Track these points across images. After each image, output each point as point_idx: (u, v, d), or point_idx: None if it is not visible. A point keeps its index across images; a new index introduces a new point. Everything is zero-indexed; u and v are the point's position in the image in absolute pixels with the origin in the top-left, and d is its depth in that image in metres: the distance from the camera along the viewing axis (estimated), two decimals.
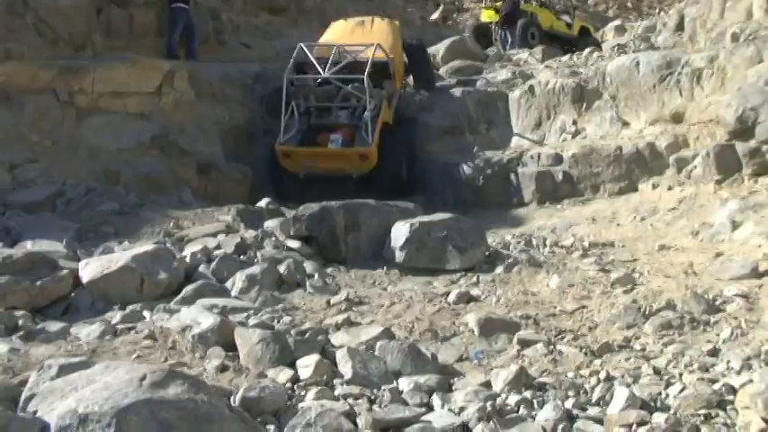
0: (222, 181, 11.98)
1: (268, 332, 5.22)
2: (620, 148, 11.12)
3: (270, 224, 8.39)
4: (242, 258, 7.39)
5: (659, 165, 10.73)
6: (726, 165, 9.59)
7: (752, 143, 9.44)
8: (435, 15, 23.74)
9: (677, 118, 10.97)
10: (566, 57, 15.68)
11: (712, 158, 9.71)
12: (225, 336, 5.29)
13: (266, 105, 13.10)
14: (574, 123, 12.35)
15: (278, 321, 5.87)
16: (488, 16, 20.36)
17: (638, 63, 11.81)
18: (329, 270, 7.45)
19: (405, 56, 13.57)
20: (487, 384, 4.74)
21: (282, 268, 7.07)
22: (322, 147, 11.88)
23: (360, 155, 11.77)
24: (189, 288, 6.60)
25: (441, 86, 14.19)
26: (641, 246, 8.35)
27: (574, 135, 12.21)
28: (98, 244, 7.82)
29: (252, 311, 6.07)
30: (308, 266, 7.31)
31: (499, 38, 19.63)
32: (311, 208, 8.02)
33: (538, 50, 16.94)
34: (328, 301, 6.46)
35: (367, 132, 11.76)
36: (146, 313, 6.16)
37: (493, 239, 8.56)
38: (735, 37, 11.15)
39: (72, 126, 11.28)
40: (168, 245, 7.61)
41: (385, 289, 6.95)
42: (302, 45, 12.48)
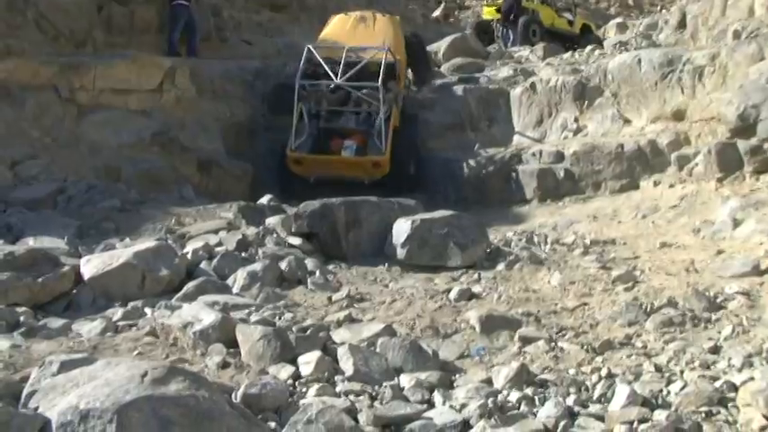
0: (223, 178, 11.97)
1: (269, 329, 5.21)
2: (621, 146, 11.11)
3: (271, 221, 8.38)
4: (243, 255, 7.38)
5: (661, 162, 10.72)
6: (727, 162, 9.59)
7: (753, 141, 9.44)
8: (437, 12, 23.72)
9: (679, 115, 10.97)
10: (567, 54, 15.68)
11: (714, 156, 9.71)
12: (226, 332, 5.29)
13: (267, 102, 13.08)
14: (575, 121, 12.34)
15: (279, 318, 5.87)
16: (490, 13, 20.37)
17: (639, 60, 11.81)
18: (330, 267, 7.44)
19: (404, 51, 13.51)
20: (489, 381, 4.74)
21: (284, 265, 7.07)
22: (335, 154, 11.81)
23: (373, 163, 11.72)
24: (190, 285, 6.59)
25: (442, 83, 14.17)
26: (642, 243, 8.34)
27: (575, 132, 12.21)
28: (99, 241, 7.82)
29: (253, 308, 6.06)
30: (310, 263, 7.30)
31: (501, 35, 19.64)
32: (312, 205, 8.02)
33: (539, 48, 16.96)
34: (330, 298, 6.46)
35: (380, 139, 11.70)
36: (147, 310, 6.15)
37: (494, 237, 8.55)
38: (736, 34, 11.15)
39: (73, 123, 11.28)
40: (169, 242, 7.60)
41: (386, 286, 6.94)
42: (310, 47, 12.36)
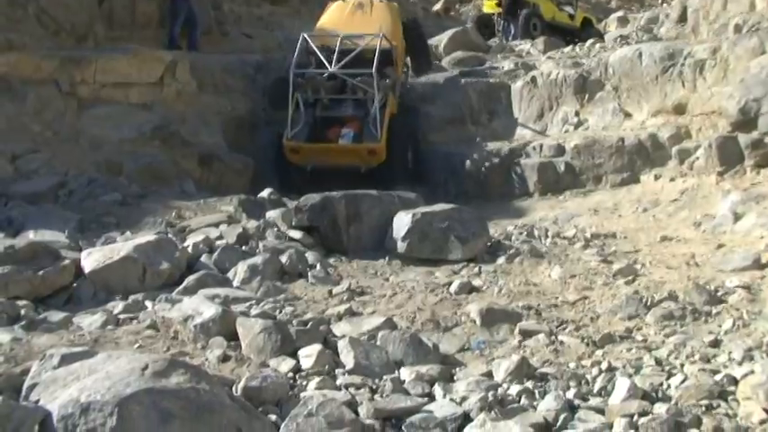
0: (224, 171, 11.95)
1: (270, 322, 5.22)
2: (622, 140, 11.10)
3: (272, 214, 8.38)
4: (244, 249, 7.38)
5: (661, 156, 10.71)
6: (728, 156, 9.58)
7: (754, 134, 9.43)
8: (438, 6, 23.68)
9: (680, 109, 10.96)
10: (568, 48, 15.65)
11: (714, 150, 9.70)
12: (227, 326, 5.29)
13: (268, 96, 13.05)
14: (576, 114, 12.32)
15: (280, 311, 5.87)
16: (491, 7, 20.31)
17: (640, 54, 11.78)
18: (331, 260, 7.45)
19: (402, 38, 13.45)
20: (489, 374, 4.74)
21: (284, 258, 7.07)
22: (332, 142, 11.83)
23: (369, 150, 11.72)
24: (191, 278, 6.60)
25: (443, 77, 14.14)
26: (643, 237, 8.35)
27: (576, 126, 12.19)
28: (100, 234, 7.82)
29: (254, 301, 6.07)
30: (310, 257, 7.31)
31: (502, 29, 19.60)
32: (313, 198, 8.01)
33: (540, 41, 16.92)
34: (330, 292, 6.46)
35: (375, 126, 11.71)
36: (147, 303, 6.16)
37: (495, 230, 8.55)
38: (737, 28, 11.14)
39: (74, 117, 11.27)
40: (170, 235, 7.60)
41: (387, 279, 6.95)
42: (305, 35, 12.40)
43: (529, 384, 4.54)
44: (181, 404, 3.64)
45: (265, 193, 9.44)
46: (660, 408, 4.13)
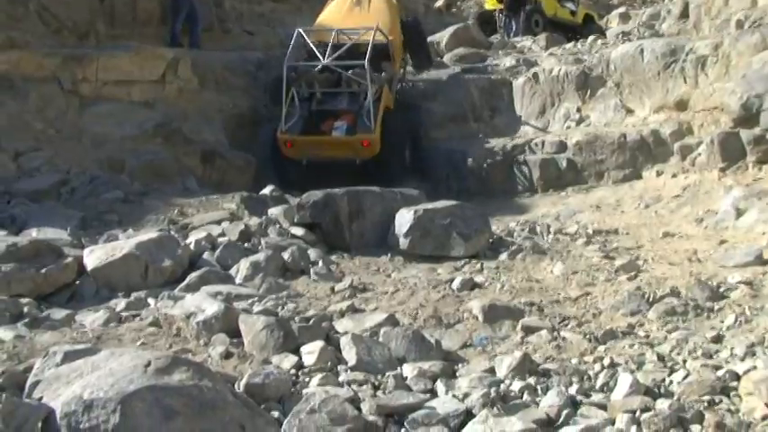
0: (226, 169, 11.96)
1: (272, 319, 5.21)
2: (624, 136, 11.09)
3: (274, 211, 8.38)
4: (246, 246, 7.39)
5: (663, 152, 10.71)
6: (730, 152, 9.58)
7: (756, 130, 9.43)
8: (439, 2, 23.64)
9: (681, 105, 10.95)
10: (570, 44, 15.64)
11: (716, 146, 9.70)
12: (229, 322, 5.29)
13: (269, 93, 13.04)
14: (578, 111, 12.33)
15: (282, 308, 5.88)
16: (492, 4, 20.29)
17: (642, 50, 11.78)
18: (333, 257, 7.45)
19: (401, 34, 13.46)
20: (491, 371, 4.74)
21: (286, 255, 7.08)
22: (325, 135, 11.85)
23: (362, 142, 11.73)
24: (193, 275, 6.60)
25: (445, 73, 14.13)
26: (645, 233, 8.35)
27: (578, 122, 12.20)
28: (102, 232, 7.83)
29: (256, 298, 6.08)
30: (312, 253, 7.31)
31: (503, 25, 19.58)
32: (315, 195, 8.02)
33: (542, 38, 16.90)
34: (332, 288, 6.46)
35: (369, 119, 11.72)
36: (150, 300, 6.17)
37: (497, 227, 8.56)
38: (739, 24, 11.13)
39: (76, 114, 11.29)
40: (172, 232, 7.61)
41: (389, 276, 6.95)
42: (300, 30, 12.43)
43: (531, 380, 4.54)
44: (183, 401, 3.64)
45: (267, 190, 9.44)
46: (662, 403, 4.12)
